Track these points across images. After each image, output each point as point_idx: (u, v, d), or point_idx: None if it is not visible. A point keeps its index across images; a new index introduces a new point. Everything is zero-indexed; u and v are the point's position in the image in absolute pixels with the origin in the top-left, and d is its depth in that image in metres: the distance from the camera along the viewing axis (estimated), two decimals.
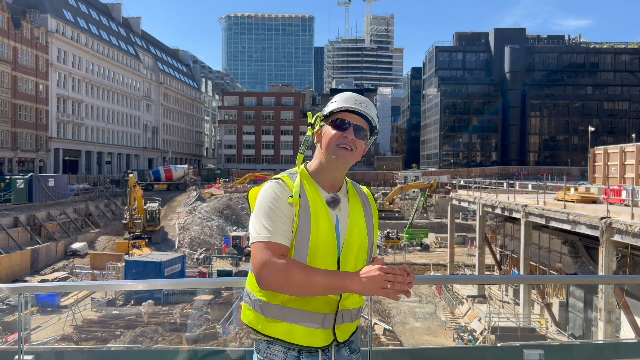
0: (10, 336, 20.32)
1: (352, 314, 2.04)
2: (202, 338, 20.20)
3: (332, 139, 1.99)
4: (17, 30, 54.39)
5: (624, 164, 27.83)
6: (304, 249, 1.93)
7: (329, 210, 1.99)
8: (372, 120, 2.05)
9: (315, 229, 1.94)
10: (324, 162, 2.04)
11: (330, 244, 1.95)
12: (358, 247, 2.01)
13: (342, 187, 2.09)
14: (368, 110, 2.03)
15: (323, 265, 1.93)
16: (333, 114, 2.03)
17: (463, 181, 45.36)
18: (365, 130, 2.04)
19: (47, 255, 35.75)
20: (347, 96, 2.05)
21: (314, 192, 2.01)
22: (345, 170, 2.07)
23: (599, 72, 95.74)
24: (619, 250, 17.17)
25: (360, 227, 2.04)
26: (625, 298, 17.35)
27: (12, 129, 53.86)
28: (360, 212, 2.08)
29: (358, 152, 2.01)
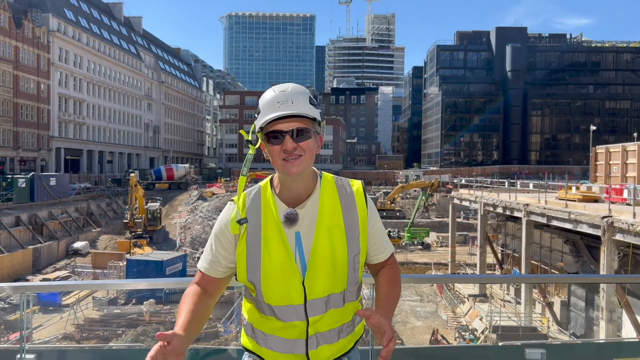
0: (12, 335, 20.36)
1: (333, 334, 1.83)
2: (203, 337, 20.20)
3: (274, 157, 1.77)
4: (18, 30, 54.44)
5: (626, 163, 27.80)
6: (256, 275, 1.79)
7: (283, 229, 1.78)
8: (308, 115, 1.75)
9: (265, 253, 1.77)
10: (280, 178, 1.84)
11: (288, 268, 1.76)
12: (331, 262, 1.78)
13: (313, 194, 1.84)
14: (297, 108, 1.74)
15: (286, 294, 1.76)
16: (264, 128, 1.77)
17: (464, 180, 45.30)
18: (307, 128, 1.77)
19: (49, 254, 35.81)
20: (268, 100, 1.77)
21: (270, 210, 1.81)
22: (305, 177, 1.83)
23: (600, 71, 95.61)
24: (621, 249, 17.15)
25: (334, 238, 1.79)
26: (626, 297, 17.32)
27: (13, 128, 53.93)
28: (336, 220, 1.82)
29: (309, 154, 1.78)
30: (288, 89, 1.78)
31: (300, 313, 1.78)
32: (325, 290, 1.79)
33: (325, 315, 1.80)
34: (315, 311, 1.78)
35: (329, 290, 1.79)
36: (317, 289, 1.78)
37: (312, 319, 1.78)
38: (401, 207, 57.39)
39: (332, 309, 1.81)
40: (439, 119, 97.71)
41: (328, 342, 1.82)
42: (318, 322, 1.80)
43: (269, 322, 1.82)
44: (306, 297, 1.77)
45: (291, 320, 1.79)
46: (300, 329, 1.79)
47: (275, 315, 1.80)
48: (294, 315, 1.78)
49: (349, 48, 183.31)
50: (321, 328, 1.80)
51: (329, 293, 1.80)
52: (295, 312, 1.78)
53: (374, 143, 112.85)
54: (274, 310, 1.79)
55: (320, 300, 1.79)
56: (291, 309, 1.78)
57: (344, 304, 1.84)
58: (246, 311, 1.91)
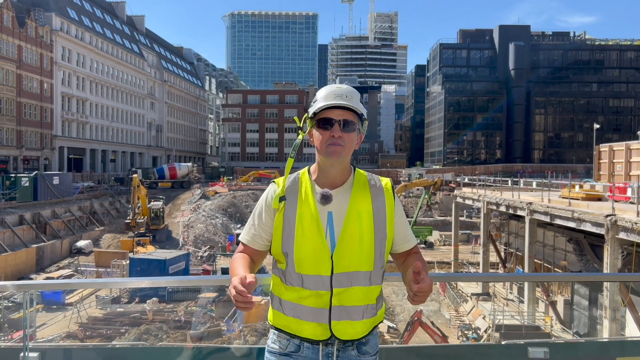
0: (15, 333, 20.44)
1: (357, 312, 2.00)
2: (207, 336, 20.25)
3: (321, 141, 2.01)
4: (21, 29, 54.55)
5: (630, 161, 27.72)
6: (289, 246, 2.00)
7: (317, 208, 2.00)
8: (357, 110, 2.01)
9: (299, 227, 1.99)
10: (320, 162, 2.08)
11: (318, 242, 1.97)
12: (358, 242, 1.98)
13: (346, 182, 2.07)
14: (350, 102, 2.00)
15: (314, 265, 1.97)
16: (317, 115, 2.03)
17: (467, 179, 45.20)
18: (353, 122, 2.02)
19: (52, 253, 35.91)
20: (327, 92, 2.04)
21: (307, 192, 2.04)
22: (343, 166, 2.07)
23: (604, 69, 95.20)
24: (624, 248, 17.11)
25: (362, 221, 2.00)
26: (630, 296, 17.28)
27: (17, 128, 54.07)
28: (366, 206, 2.03)
29: (350, 146, 2.01)
30: (343, 87, 2.05)
31: (326, 283, 1.96)
32: (352, 266, 1.98)
33: (350, 290, 1.98)
34: (339, 284, 1.96)
35: (355, 267, 1.98)
36: (344, 264, 1.97)
37: (336, 290, 1.96)
38: (404, 205, 57.35)
39: (357, 285, 1.99)
40: (441, 117, 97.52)
41: (352, 318, 1.99)
42: (342, 295, 1.97)
43: (296, 292, 1.99)
44: (333, 269, 1.96)
45: (317, 289, 1.97)
46: (325, 299, 1.96)
47: (303, 284, 1.98)
48: (320, 284, 1.96)
49: (352, 46, 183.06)
50: (345, 302, 1.97)
51: (355, 269, 1.98)
52: (322, 282, 1.96)
53: (377, 142, 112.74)
54: (303, 279, 1.98)
55: (346, 274, 1.97)
56: (318, 279, 1.97)
57: (370, 284, 2.02)
58: (274, 287, 2.09)
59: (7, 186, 40.24)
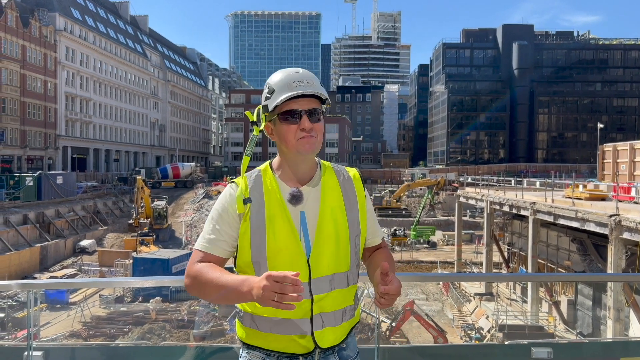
0: (19, 332, 20.51)
1: (337, 316, 1.83)
2: (210, 335, 20.28)
3: (289, 136, 1.79)
4: (25, 29, 54.72)
5: (634, 161, 27.62)
6: (261, 254, 1.78)
7: (288, 209, 1.79)
8: (322, 95, 1.81)
9: (271, 232, 1.77)
10: (288, 158, 1.86)
11: (293, 246, 1.77)
12: (335, 241, 1.81)
13: (314, 177, 1.88)
14: (312, 88, 1.78)
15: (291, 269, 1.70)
16: (277, 107, 1.79)
17: (470, 178, 45.17)
18: (319, 110, 1.82)
19: (56, 252, 36.03)
20: (285, 81, 1.79)
21: (273, 191, 1.83)
22: (313, 159, 1.89)
23: (608, 69, 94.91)
24: (629, 248, 17.05)
25: (337, 218, 1.83)
26: (634, 296, 17.23)
27: (21, 127, 54.23)
28: (337, 202, 1.86)
29: (321, 136, 1.84)
30: (300, 71, 1.82)
31: (305, 291, 1.76)
32: (330, 269, 1.80)
33: (330, 295, 1.81)
34: (319, 289, 1.79)
35: (334, 270, 1.81)
36: (322, 267, 1.79)
37: (316, 296, 1.78)
38: (407, 205, 57.30)
39: (336, 289, 1.82)
40: (445, 117, 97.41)
41: (333, 324, 1.82)
42: (322, 301, 1.79)
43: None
44: (311, 275, 1.78)
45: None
46: (305, 308, 1.77)
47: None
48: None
49: (355, 46, 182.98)
50: (326, 308, 1.80)
51: (334, 272, 1.81)
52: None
53: (380, 141, 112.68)
54: None
55: (325, 278, 1.80)
56: None
57: (348, 284, 1.85)
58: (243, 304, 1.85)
59: (11, 186, 40.36)
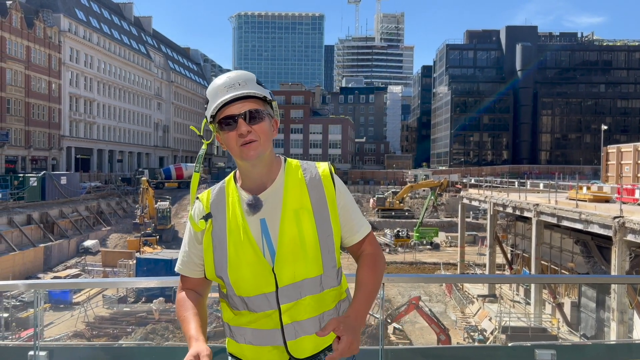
0: (23, 332, 20.57)
1: (313, 324, 1.75)
2: (212, 335, 20.29)
3: (231, 143, 1.73)
4: (30, 30, 54.94)
5: (638, 162, 27.55)
6: (223, 269, 1.74)
7: (247, 220, 1.74)
8: (257, 94, 1.72)
9: (232, 246, 1.73)
10: (239, 165, 1.80)
11: (253, 258, 1.72)
12: (300, 246, 1.72)
13: (276, 180, 1.80)
14: (245, 88, 1.71)
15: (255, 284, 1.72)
16: (216, 116, 1.73)
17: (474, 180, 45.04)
18: (258, 109, 1.73)
19: (60, 252, 36.14)
20: (216, 89, 1.73)
21: (235, 202, 1.78)
22: (267, 162, 1.79)
23: (612, 70, 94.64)
24: (632, 250, 17.00)
25: (302, 220, 1.74)
26: (638, 298, 17.17)
27: (25, 128, 54.44)
28: (303, 202, 1.77)
29: (265, 137, 1.73)
30: (233, 74, 1.76)
31: (272, 301, 1.72)
32: (297, 275, 1.72)
33: (301, 302, 1.73)
34: (288, 298, 1.72)
35: (303, 275, 1.73)
36: (288, 275, 1.72)
37: (284, 306, 1.72)
38: (410, 206, 57.25)
39: (308, 295, 1.74)
40: (448, 118, 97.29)
41: (309, 332, 1.74)
42: (292, 310, 1.72)
43: (243, 317, 1.76)
44: (277, 284, 1.71)
45: (263, 309, 1.73)
46: (274, 319, 1.73)
47: (248, 307, 1.74)
48: (266, 304, 1.72)
49: (358, 47, 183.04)
50: (298, 316, 1.73)
51: (303, 278, 1.73)
52: (267, 301, 1.72)
53: (383, 142, 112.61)
54: (246, 302, 1.74)
55: (293, 286, 1.72)
56: (262, 298, 1.72)
57: (322, 289, 1.77)
58: (224, 312, 1.85)
59: (15, 186, 40.53)
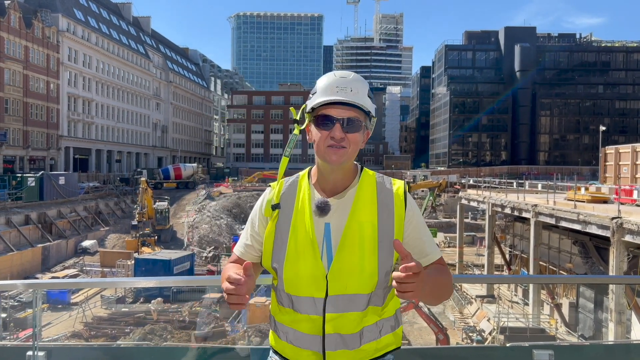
0: (21, 332, 20.55)
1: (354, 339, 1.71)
2: (211, 336, 20.30)
3: (319, 141, 1.72)
4: (28, 30, 54.87)
5: (636, 163, 27.60)
6: (279, 261, 1.75)
7: (313, 220, 1.73)
8: (363, 107, 1.70)
9: (292, 240, 1.73)
10: (319, 164, 1.79)
11: (311, 259, 1.71)
12: (358, 259, 1.70)
13: (350, 188, 1.78)
14: (355, 97, 1.69)
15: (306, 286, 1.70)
16: (315, 109, 1.73)
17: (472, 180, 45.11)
18: (358, 120, 1.71)
19: (58, 252, 36.08)
20: (327, 83, 1.72)
21: (304, 199, 1.78)
22: (345, 170, 1.78)
23: (610, 71, 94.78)
24: (630, 250, 17.03)
25: (365, 235, 1.71)
26: (636, 299, 17.21)
27: (23, 128, 54.36)
28: (370, 217, 1.74)
29: (354, 147, 1.72)
30: (349, 76, 1.73)
31: (318, 307, 1.70)
32: (350, 287, 1.69)
33: (347, 316, 1.70)
34: (335, 308, 1.69)
35: (354, 289, 1.70)
36: (341, 285, 1.69)
37: (329, 315, 1.69)
38: None
39: (354, 310, 1.71)
40: (447, 118, 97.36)
41: (349, 347, 1.71)
42: (337, 321, 1.69)
43: (287, 314, 1.76)
44: (327, 291, 1.69)
45: (308, 312, 1.71)
46: (316, 325, 1.70)
47: (293, 306, 1.74)
48: (312, 308, 1.70)
49: (357, 48, 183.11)
50: (342, 329, 1.70)
51: (354, 292, 1.70)
52: (314, 305, 1.70)
53: (382, 143, 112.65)
54: (293, 300, 1.73)
55: (343, 297, 1.69)
56: (310, 301, 1.71)
57: (367, 306, 1.73)
58: (272, 305, 1.86)
59: (13, 186, 40.47)
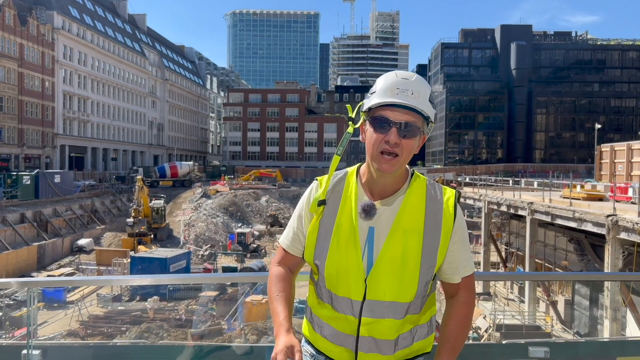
0: (17, 331, 20.47)
1: (388, 346, 1.69)
2: (208, 334, 20.28)
3: (373, 144, 1.66)
4: (23, 27, 54.60)
5: (631, 161, 27.67)
6: (321, 258, 1.73)
7: (358, 221, 1.70)
8: (423, 112, 1.65)
9: (335, 239, 1.71)
10: (370, 166, 1.73)
11: (353, 261, 1.68)
12: (400, 267, 1.66)
13: (398, 192, 1.73)
14: (415, 101, 1.62)
15: (345, 286, 1.69)
16: (372, 109, 1.68)
17: (468, 178, 45.16)
18: (416, 125, 1.65)
19: (54, 251, 35.96)
20: (388, 84, 1.65)
21: (350, 198, 1.74)
22: (396, 175, 1.71)
23: (606, 69, 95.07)
24: (625, 248, 17.09)
25: (408, 244, 1.67)
26: (631, 296, 17.28)
27: (18, 126, 54.13)
28: (416, 224, 1.69)
29: (408, 154, 1.66)
30: (412, 78, 1.66)
31: (355, 309, 1.69)
32: (388, 294, 1.68)
33: (383, 322, 1.69)
34: (371, 313, 1.68)
35: (393, 297, 1.68)
36: (379, 291, 1.68)
37: (365, 319, 1.68)
38: None
39: (391, 318, 1.69)
40: (443, 117, 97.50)
41: (383, 352, 1.70)
42: (372, 325, 1.68)
43: (325, 309, 1.75)
44: (365, 295, 1.68)
45: (345, 312, 1.70)
46: (352, 325, 1.70)
47: (332, 303, 1.73)
48: (349, 309, 1.70)
49: (353, 46, 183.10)
50: (377, 334, 1.69)
51: (392, 300, 1.68)
52: (351, 307, 1.69)
53: None
54: (332, 297, 1.73)
55: (380, 303, 1.68)
56: (348, 301, 1.70)
57: (404, 315, 1.71)
58: (309, 295, 1.86)
59: (8, 184, 40.28)
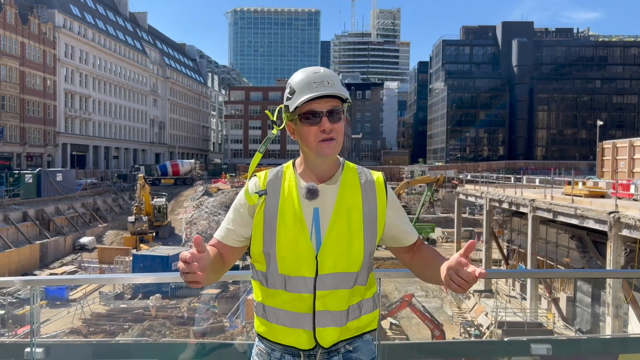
0: (20, 329, 20.54)
1: (341, 316, 1.83)
2: (210, 332, 20.33)
3: (310, 137, 1.82)
4: (24, 26, 54.62)
5: (633, 158, 27.60)
6: (271, 245, 1.83)
7: (302, 205, 1.83)
8: (342, 95, 1.81)
9: (282, 224, 1.82)
10: (308, 157, 1.88)
11: (302, 241, 1.80)
12: (347, 240, 1.82)
13: (334, 176, 1.90)
14: (333, 88, 1.79)
15: (297, 265, 1.80)
16: (298, 107, 1.82)
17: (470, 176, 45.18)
18: (339, 109, 1.83)
19: (56, 249, 36.04)
20: (304, 82, 1.81)
21: (290, 186, 1.87)
22: (333, 159, 1.90)
23: (607, 66, 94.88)
24: (628, 245, 17.08)
25: (351, 218, 1.84)
26: (633, 293, 17.28)
27: (20, 124, 54.20)
28: (355, 202, 1.86)
29: (341, 136, 1.85)
30: (321, 71, 1.84)
31: (309, 286, 1.80)
32: (338, 266, 1.82)
33: (336, 293, 1.82)
34: (324, 286, 1.80)
35: (342, 268, 1.82)
36: (330, 264, 1.81)
37: (319, 292, 1.80)
38: (406, 202, 57.28)
39: (342, 288, 1.83)
40: (444, 114, 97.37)
41: (336, 324, 1.83)
42: (326, 298, 1.81)
43: (279, 296, 1.84)
44: (317, 270, 1.80)
45: (300, 291, 1.81)
46: (308, 303, 1.81)
47: (285, 287, 1.82)
48: (303, 287, 1.80)
49: (354, 43, 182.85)
50: (330, 306, 1.82)
51: (342, 271, 1.82)
52: (305, 284, 1.80)
53: (379, 138, 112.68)
54: (285, 280, 1.82)
55: (332, 276, 1.81)
56: (301, 280, 1.80)
57: (353, 285, 1.85)
58: (256, 294, 1.94)
59: (10, 183, 40.34)
